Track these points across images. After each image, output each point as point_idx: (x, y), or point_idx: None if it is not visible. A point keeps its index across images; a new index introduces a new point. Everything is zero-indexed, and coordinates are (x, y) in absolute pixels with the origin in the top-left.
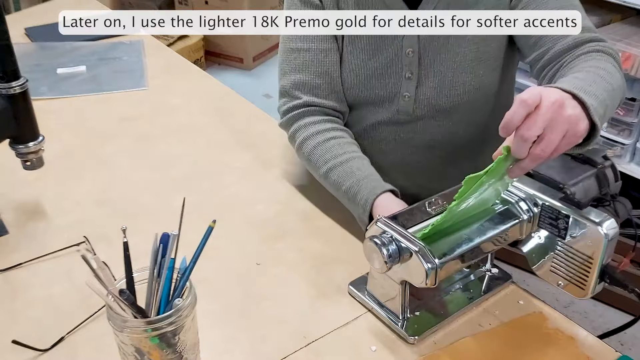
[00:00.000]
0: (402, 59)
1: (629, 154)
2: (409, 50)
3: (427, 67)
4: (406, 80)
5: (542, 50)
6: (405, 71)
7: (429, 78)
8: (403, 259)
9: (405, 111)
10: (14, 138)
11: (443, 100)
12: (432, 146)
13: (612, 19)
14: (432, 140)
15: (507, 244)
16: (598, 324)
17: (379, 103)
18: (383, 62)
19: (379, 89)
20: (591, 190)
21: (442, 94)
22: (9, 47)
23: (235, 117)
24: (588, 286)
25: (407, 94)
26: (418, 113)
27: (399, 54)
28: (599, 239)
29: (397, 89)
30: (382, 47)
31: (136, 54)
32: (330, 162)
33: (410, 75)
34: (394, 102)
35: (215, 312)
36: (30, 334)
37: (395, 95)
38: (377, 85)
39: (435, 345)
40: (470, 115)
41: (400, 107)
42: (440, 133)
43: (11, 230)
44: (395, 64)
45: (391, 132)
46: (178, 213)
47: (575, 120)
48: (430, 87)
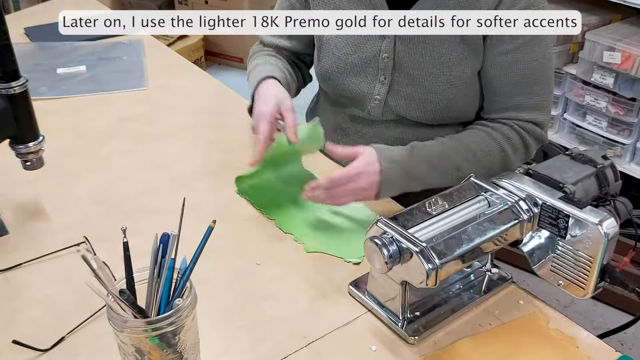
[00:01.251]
0: (378, 61)
1: (629, 154)
2: (384, 54)
3: (400, 76)
4: (379, 83)
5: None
6: (379, 74)
7: (401, 87)
8: (404, 259)
9: (375, 113)
10: (14, 138)
11: (411, 113)
12: (404, 144)
13: (613, 18)
14: (404, 139)
15: (507, 244)
16: (598, 323)
17: (354, 100)
18: (361, 61)
19: (355, 85)
20: (591, 190)
21: (410, 106)
22: (9, 47)
23: (235, 117)
24: (588, 286)
25: (378, 97)
26: (387, 117)
27: (376, 56)
28: (599, 238)
29: (371, 90)
30: (362, 47)
31: (136, 54)
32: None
33: (383, 79)
34: (366, 102)
35: (216, 312)
36: (30, 334)
37: (368, 95)
38: (353, 82)
39: (436, 345)
40: (436, 131)
41: (371, 109)
42: (410, 134)
43: (11, 230)
44: (372, 65)
45: (365, 127)
46: (178, 213)
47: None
48: (401, 96)
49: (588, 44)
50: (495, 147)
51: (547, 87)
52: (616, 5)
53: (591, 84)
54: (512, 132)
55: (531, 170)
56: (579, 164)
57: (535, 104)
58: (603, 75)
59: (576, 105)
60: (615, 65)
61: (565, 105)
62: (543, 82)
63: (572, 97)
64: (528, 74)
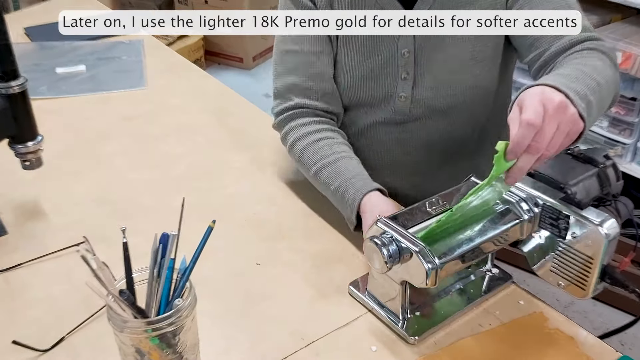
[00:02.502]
0: (397, 59)
1: (630, 154)
2: (404, 50)
3: (423, 67)
4: (402, 80)
5: (538, 52)
6: (401, 72)
7: (425, 78)
8: (403, 259)
9: (401, 112)
10: (13, 138)
11: (439, 100)
12: (429, 146)
13: (613, 18)
14: (429, 140)
15: (507, 244)
16: (598, 324)
17: (375, 104)
18: (378, 63)
19: (375, 90)
20: (592, 190)
21: (438, 94)
22: (9, 46)
23: (235, 117)
24: (588, 286)
25: (403, 95)
26: (415, 113)
27: (394, 54)
28: (600, 239)
29: (393, 89)
30: (377, 48)
31: (136, 54)
32: (319, 162)
33: (406, 75)
34: (390, 102)
35: (215, 312)
36: (30, 334)
37: (391, 96)
38: (373, 87)
39: (436, 346)
40: (467, 115)
41: (397, 108)
42: (437, 133)
43: (11, 231)
44: (390, 65)
45: (387, 133)
46: (178, 213)
47: (575, 119)
48: (427, 87)
49: None
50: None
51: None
52: (616, 5)
53: None
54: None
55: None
56: (580, 164)
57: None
58: None
59: None
60: None
61: None
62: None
63: None
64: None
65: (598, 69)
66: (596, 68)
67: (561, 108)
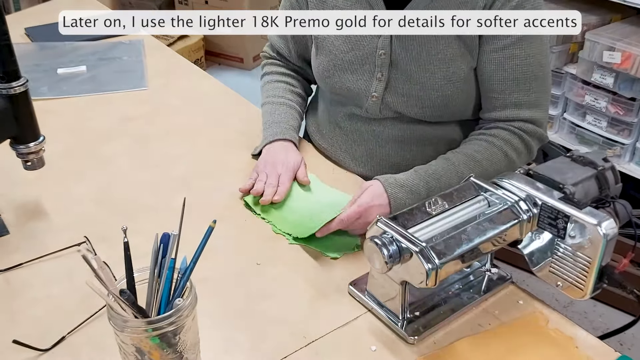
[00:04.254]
0: (375, 58)
1: (629, 154)
2: (381, 51)
3: (397, 73)
4: (377, 80)
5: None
6: (376, 71)
7: (398, 83)
8: (403, 259)
9: (372, 111)
10: (14, 138)
11: (408, 109)
12: (401, 142)
13: (612, 18)
14: (401, 136)
15: (506, 244)
16: (598, 324)
17: (351, 97)
18: (359, 58)
19: (352, 83)
20: (591, 192)
21: (408, 103)
22: (10, 47)
23: (235, 117)
24: (587, 287)
25: (375, 94)
26: (385, 114)
27: (373, 52)
28: (598, 239)
29: (368, 87)
30: (359, 44)
31: (136, 54)
32: (268, 98)
33: (380, 76)
34: (363, 100)
35: (216, 312)
36: (30, 334)
37: (365, 93)
38: (350, 79)
39: (435, 345)
40: (435, 125)
41: (369, 106)
42: (408, 131)
43: (12, 230)
44: (368, 62)
45: (363, 125)
46: (178, 213)
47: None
48: (399, 93)
49: (588, 44)
50: (499, 154)
51: (545, 83)
52: (616, 4)
53: (591, 84)
54: (513, 136)
55: (531, 170)
56: (580, 166)
57: (533, 101)
58: (603, 75)
59: (576, 105)
60: (615, 65)
61: (565, 105)
62: (540, 78)
63: (572, 97)
64: (525, 70)
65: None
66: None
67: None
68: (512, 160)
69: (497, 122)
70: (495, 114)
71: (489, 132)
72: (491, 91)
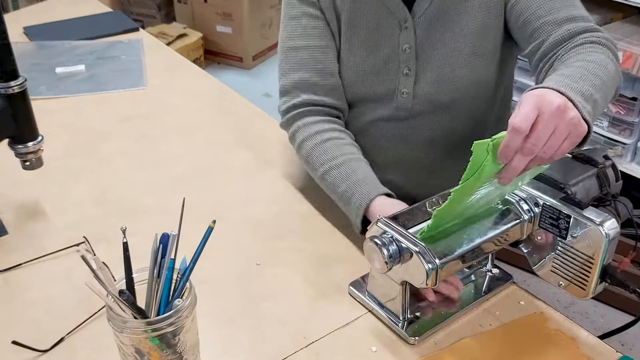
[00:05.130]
0: (399, 55)
1: (630, 154)
2: (405, 46)
3: (424, 62)
4: (404, 76)
5: (537, 43)
6: (402, 67)
7: (426, 74)
8: (404, 259)
9: (404, 107)
10: (13, 138)
11: (441, 95)
12: (432, 142)
13: (614, 17)
14: (432, 135)
15: (507, 244)
16: (599, 324)
17: (377, 100)
18: (381, 59)
19: (378, 85)
20: (592, 190)
21: (440, 89)
22: (8, 46)
23: (235, 116)
24: (589, 286)
25: (405, 90)
26: (417, 109)
27: (396, 50)
28: (600, 239)
29: (395, 85)
30: (380, 44)
31: (135, 53)
32: (327, 163)
33: (408, 71)
34: (393, 98)
35: (216, 313)
36: (30, 335)
37: (393, 92)
38: (375, 82)
39: (436, 346)
40: (468, 109)
41: (399, 104)
42: (439, 128)
43: (10, 231)
44: (392, 61)
45: (390, 129)
46: (178, 213)
47: (576, 122)
48: (428, 82)
49: None
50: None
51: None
52: (617, 4)
53: None
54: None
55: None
56: (580, 164)
57: (581, 15)
58: None
59: None
60: None
61: None
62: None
63: None
64: None
65: (601, 65)
66: (599, 64)
67: (559, 111)
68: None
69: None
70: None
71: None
72: (537, 18)
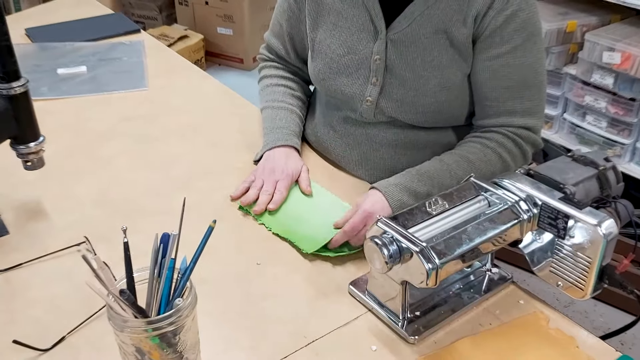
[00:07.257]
0: (370, 63)
1: (629, 154)
2: (376, 57)
3: (392, 79)
4: (371, 85)
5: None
6: (371, 76)
7: (392, 90)
8: (404, 259)
9: (366, 115)
10: (14, 138)
11: (402, 115)
12: (396, 146)
13: (612, 19)
14: (395, 141)
15: (507, 243)
16: (599, 323)
17: (346, 101)
18: (355, 62)
19: (347, 87)
20: (592, 191)
21: (402, 109)
22: (10, 47)
23: (235, 117)
24: (587, 287)
25: (369, 99)
26: (379, 119)
27: (368, 57)
28: (598, 239)
29: (363, 91)
30: (356, 47)
31: (136, 55)
32: (268, 102)
33: (375, 81)
34: (358, 104)
35: (216, 312)
36: (30, 334)
37: (360, 97)
38: (345, 83)
39: (436, 345)
40: (430, 130)
41: (363, 111)
42: (402, 136)
43: (12, 231)
44: (364, 67)
45: (357, 129)
46: (178, 213)
47: None
48: (393, 99)
49: (588, 45)
50: (493, 156)
51: (540, 91)
52: (615, 5)
53: (591, 84)
54: (507, 139)
55: (532, 170)
56: (581, 166)
57: (527, 109)
58: (603, 76)
59: (576, 106)
60: (615, 65)
61: (565, 105)
62: (535, 86)
63: (571, 97)
64: (519, 78)
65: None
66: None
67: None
68: (506, 163)
69: (491, 128)
70: (488, 121)
71: (483, 135)
72: (485, 99)
